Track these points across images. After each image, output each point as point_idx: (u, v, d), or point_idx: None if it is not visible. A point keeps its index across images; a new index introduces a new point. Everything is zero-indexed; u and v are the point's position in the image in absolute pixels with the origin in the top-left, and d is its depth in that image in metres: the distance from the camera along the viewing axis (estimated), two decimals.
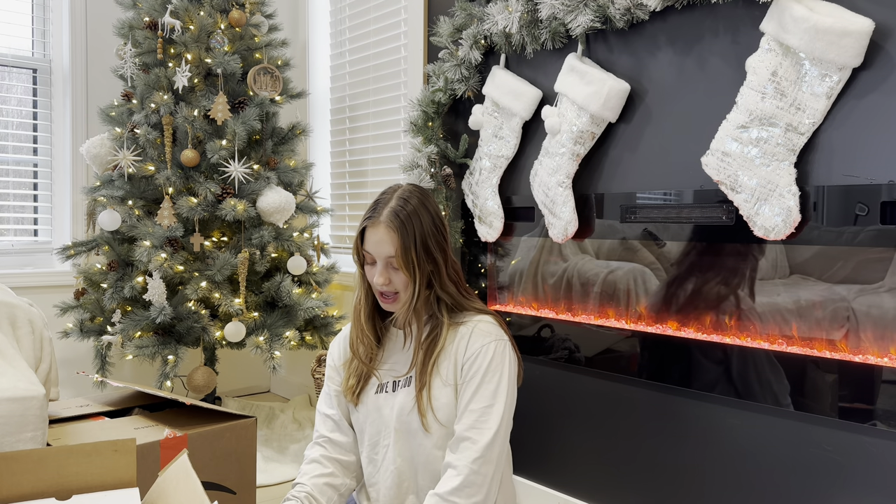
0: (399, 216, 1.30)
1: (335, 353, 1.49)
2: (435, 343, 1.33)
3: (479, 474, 1.23)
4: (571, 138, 1.83)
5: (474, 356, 1.30)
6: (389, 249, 1.29)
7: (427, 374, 1.32)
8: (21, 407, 1.28)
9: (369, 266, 1.35)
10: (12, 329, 1.52)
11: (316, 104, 3.33)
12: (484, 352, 1.30)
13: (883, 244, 1.36)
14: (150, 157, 2.51)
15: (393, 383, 1.38)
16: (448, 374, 1.32)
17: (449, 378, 1.32)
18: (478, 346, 1.30)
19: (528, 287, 2.08)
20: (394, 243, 1.29)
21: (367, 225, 1.32)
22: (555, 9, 1.83)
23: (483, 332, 1.32)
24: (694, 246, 1.67)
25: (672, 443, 1.73)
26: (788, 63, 1.44)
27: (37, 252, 2.95)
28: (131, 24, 2.54)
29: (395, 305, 1.34)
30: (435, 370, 1.32)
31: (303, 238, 2.64)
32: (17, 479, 1.03)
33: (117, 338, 2.40)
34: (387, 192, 1.36)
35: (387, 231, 1.29)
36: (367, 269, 1.35)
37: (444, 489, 1.24)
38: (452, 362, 1.32)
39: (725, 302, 1.61)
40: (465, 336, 1.32)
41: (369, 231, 1.32)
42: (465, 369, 1.30)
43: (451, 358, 1.33)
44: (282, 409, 3.01)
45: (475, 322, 1.34)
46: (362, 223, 1.34)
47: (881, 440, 1.38)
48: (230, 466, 1.64)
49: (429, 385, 1.31)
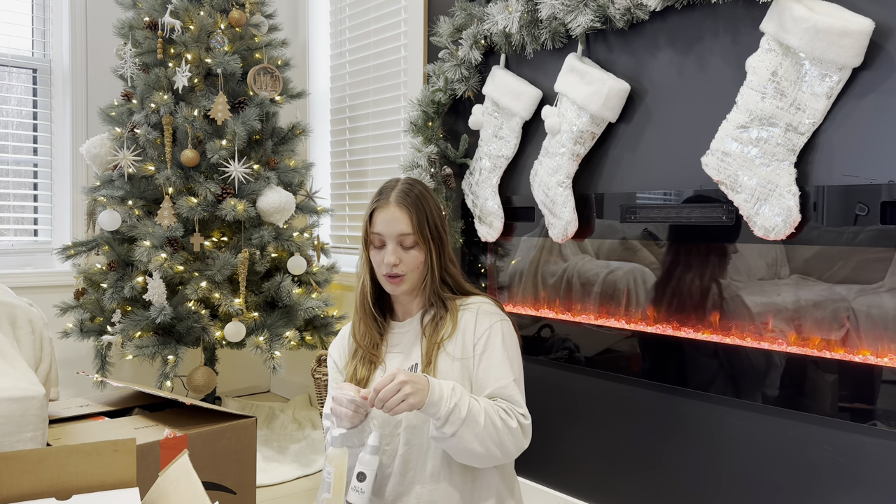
0: (409, 196, 1.37)
1: (335, 354, 1.50)
2: (440, 326, 1.37)
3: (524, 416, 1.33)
4: (571, 138, 1.83)
5: (486, 335, 1.35)
6: (402, 227, 1.35)
7: (433, 355, 1.35)
8: (21, 407, 1.28)
9: (376, 250, 1.38)
10: (12, 329, 1.52)
11: (316, 104, 3.33)
12: (494, 330, 1.36)
13: (883, 244, 1.36)
14: (150, 157, 2.51)
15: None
16: (455, 355, 1.35)
17: (456, 353, 1.35)
18: (486, 324, 1.36)
19: (528, 287, 2.08)
20: (407, 220, 1.35)
21: (377, 207, 1.38)
22: (555, 9, 1.83)
23: (488, 312, 1.38)
24: (694, 246, 1.67)
25: (672, 443, 1.73)
26: (788, 63, 1.44)
27: (37, 252, 2.95)
28: (131, 24, 2.54)
29: (401, 287, 1.37)
30: (442, 351, 1.35)
31: (303, 238, 2.64)
32: (17, 479, 1.03)
33: (117, 338, 2.40)
34: (389, 182, 1.42)
35: (398, 209, 1.35)
36: (374, 254, 1.39)
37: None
38: (460, 342, 1.36)
39: (726, 302, 1.61)
40: (471, 318, 1.37)
41: (379, 212, 1.37)
42: (478, 348, 1.35)
43: (457, 339, 1.36)
44: (282, 409, 3.01)
45: (478, 304, 1.40)
46: (371, 207, 1.39)
47: (881, 440, 1.38)
48: (230, 466, 1.64)
49: (434, 364, 1.34)
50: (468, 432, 1.23)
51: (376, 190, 1.43)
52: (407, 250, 1.36)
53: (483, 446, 1.24)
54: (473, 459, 1.28)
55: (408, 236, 1.35)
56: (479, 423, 1.24)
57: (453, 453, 1.28)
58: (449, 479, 1.33)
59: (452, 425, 1.22)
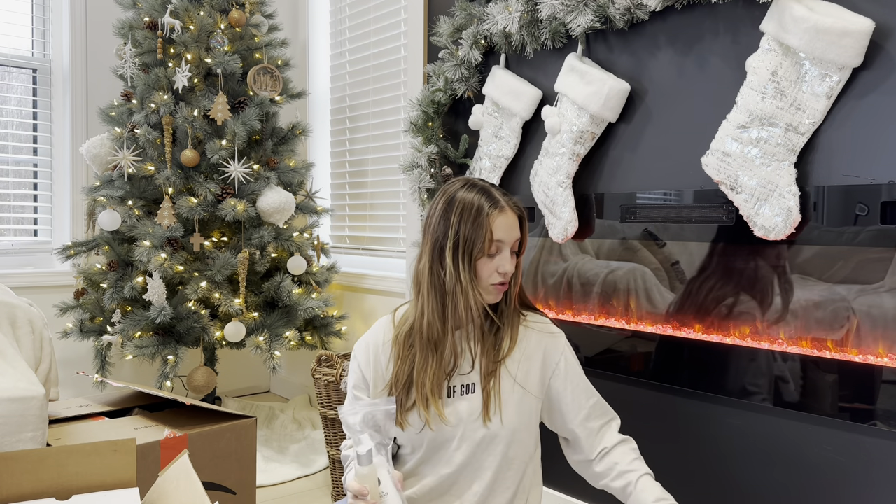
0: (513, 197, 1.29)
1: (362, 358, 1.35)
2: (502, 341, 1.30)
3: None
4: (571, 138, 1.83)
5: (563, 357, 1.32)
6: (517, 233, 1.26)
7: (497, 374, 1.28)
8: (21, 407, 1.28)
9: (488, 259, 1.24)
10: (12, 329, 1.52)
11: (316, 104, 3.33)
12: (568, 351, 1.33)
13: (883, 244, 1.36)
14: (150, 157, 2.51)
15: (461, 388, 1.29)
16: (525, 376, 1.29)
17: (529, 382, 1.29)
18: (560, 346, 1.33)
19: (528, 287, 2.08)
20: (518, 225, 1.27)
21: (494, 212, 1.22)
22: (555, 9, 1.83)
23: (553, 332, 1.34)
24: (694, 246, 1.67)
25: (672, 443, 1.73)
26: (788, 63, 1.44)
27: (37, 252, 2.95)
28: (131, 24, 2.54)
29: (501, 295, 1.29)
30: (504, 370, 1.28)
31: (303, 238, 2.64)
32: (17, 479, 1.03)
33: (117, 338, 2.40)
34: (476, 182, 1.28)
35: (514, 214, 1.26)
36: (486, 263, 1.24)
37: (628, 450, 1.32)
38: (525, 365, 1.30)
39: (726, 302, 1.61)
40: (538, 338, 1.32)
41: (500, 217, 1.23)
42: (559, 369, 1.31)
43: (526, 360, 1.30)
44: (282, 409, 3.01)
45: (539, 322, 1.35)
46: (486, 212, 1.22)
47: (881, 440, 1.38)
48: (230, 466, 1.64)
49: (498, 387, 1.27)
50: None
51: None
52: (513, 258, 1.27)
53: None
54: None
55: (517, 242, 1.27)
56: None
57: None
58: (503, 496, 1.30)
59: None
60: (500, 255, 1.24)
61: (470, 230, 1.22)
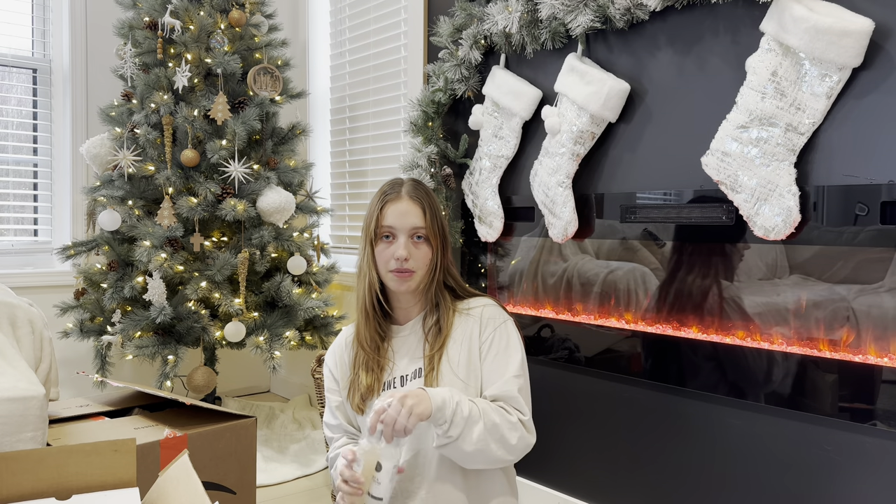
0: (420, 190, 1.38)
1: (331, 363, 1.46)
2: (442, 329, 1.36)
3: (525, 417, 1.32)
4: (571, 138, 1.83)
5: (491, 338, 1.35)
6: (416, 220, 1.34)
7: (436, 360, 1.34)
8: (21, 407, 1.28)
9: (384, 245, 1.35)
10: (12, 329, 1.52)
11: (316, 104, 3.33)
12: (499, 333, 1.36)
13: (883, 244, 1.36)
14: (150, 157, 2.51)
15: (401, 378, 1.38)
16: (460, 360, 1.34)
17: (460, 366, 1.34)
18: (491, 327, 1.36)
19: (528, 287, 2.08)
20: (420, 213, 1.35)
21: (388, 200, 1.36)
22: (555, 9, 1.83)
23: (492, 315, 1.38)
24: (694, 246, 1.67)
25: (672, 443, 1.73)
26: (788, 63, 1.44)
27: (37, 252, 2.95)
28: (131, 24, 2.54)
29: (408, 283, 1.35)
30: (444, 356, 1.35)
31: (303, 238, 2.64)
32: (17, 479, 1.03)
33: (117, 338, 2.40)
34: (395, 180, 1.41)
35: (411, 202, 1.35)
36: (382, 249, 1.35)
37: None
38: (466, 349, 1.35)
39: (725, 302, 1.61)
40: (475, 321, 1.37)
41: (391, 205, 1.35)
42: (483, 350, 1.35)
43: (463, 344, 1.35)
44: (282, 409, 3.01)
45: (481, 306, 1.40)
46: (381, 200, 1.36)
47: (881, 440, 1.38)
48: (230, 466, 1.64)
49: (437, 371, 1.33)
50: (472, 431, 1.22)
51: (378, 189, 1.41)
52: (417, 245, 1.34)
53: (487, 444, 1.24)
54: (480, 460, 1.27)
55: (420, 230, 1.34)
56: (481, 422, 1.24)
57: (459, 458, 1.27)
58: (453, 480, 1.33)
59: (457, 426, 1.21)
60: (396, 242, 1.34)
61: (367, 216, 1.38)
